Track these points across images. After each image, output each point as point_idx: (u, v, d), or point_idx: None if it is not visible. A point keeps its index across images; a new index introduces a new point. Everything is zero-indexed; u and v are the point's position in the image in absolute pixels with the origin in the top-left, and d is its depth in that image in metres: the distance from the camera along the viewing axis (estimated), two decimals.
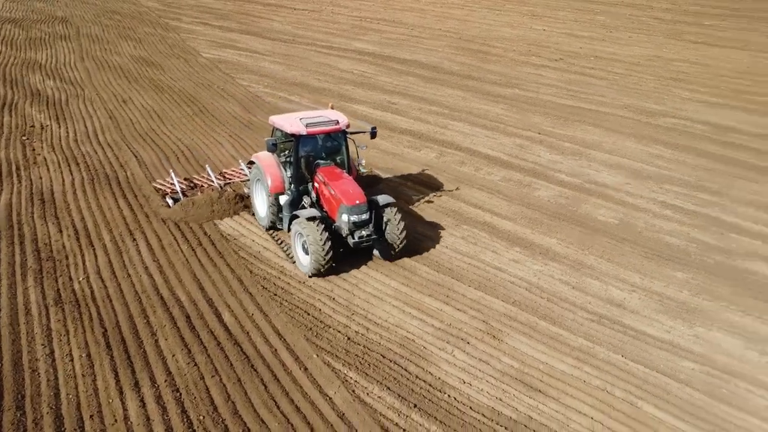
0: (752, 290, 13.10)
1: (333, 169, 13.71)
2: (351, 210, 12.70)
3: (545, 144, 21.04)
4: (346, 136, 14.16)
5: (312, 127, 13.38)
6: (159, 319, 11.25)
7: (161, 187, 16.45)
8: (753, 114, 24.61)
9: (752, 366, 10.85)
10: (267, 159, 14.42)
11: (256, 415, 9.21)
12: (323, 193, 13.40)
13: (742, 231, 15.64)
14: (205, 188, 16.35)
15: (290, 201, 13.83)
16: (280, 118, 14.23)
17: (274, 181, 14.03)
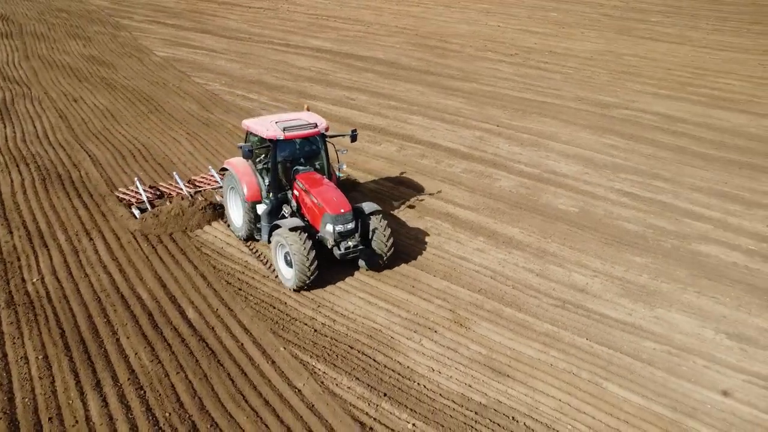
0: (706, 272, 13.50)
1: (313, 175, 13.00)
2: (336, 219, 12.03)
3: (504, 136, 21.28)
4: (325, 139, 13.43)
5: (290, 131, 12.64)
6: (120, 318, 10.92)
7: (125, 197, 15.46)
8: (697, 105, 25.41)
9: (708, 344, 11.17)
10: (241, 166, 13.59)
11: (224, 410, 9.01)
12: (304, 201, 12.70)
13: (694, 216, 16.11)
14: (173, 197, 15.45)
15: (269, 210, 13.05)
16: (254, 122, 13.47)
17: (251, 189, 13.24)
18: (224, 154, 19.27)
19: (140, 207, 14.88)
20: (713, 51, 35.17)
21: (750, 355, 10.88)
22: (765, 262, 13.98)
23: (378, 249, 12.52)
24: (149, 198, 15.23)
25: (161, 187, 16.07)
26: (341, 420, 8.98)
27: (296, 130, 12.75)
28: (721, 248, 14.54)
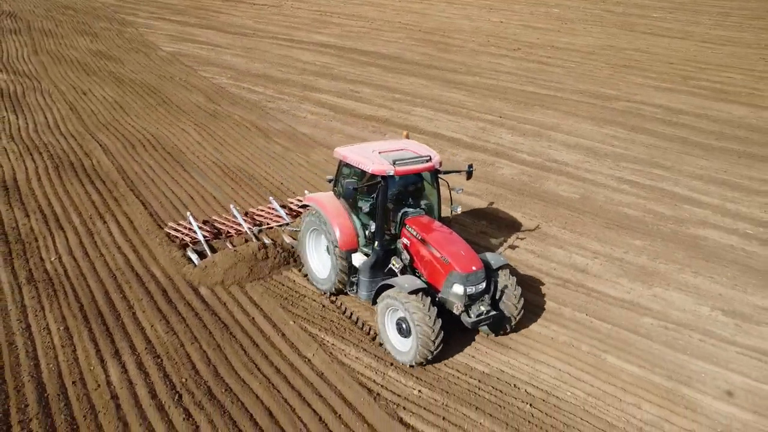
0: (703, 254, 13.90)
1: (426, 219, 10.83)
2: (467, 279, 9.92)
3: (506, 126, 21.71)
4: (438, 176, 11.14)
5: (401, 165, 10.36)
6: (135, 294, 11.36)
7: (178, 234, 13.29)
8: (698, 97, 25.81)
9: (704, 319, 11.58)
10: (331, 204, 11.31)
11: (237, 377, 9.45)
12: (419, 253, 10.48)
13: (693, 202, 16.52)
14: (232, 235, 13.31)
15: (373, 262, 10.74)
16: (351, 151, 11.10)
17: (345, 234, 10.95)
18: (231, 144, 19.73)
19: (197, 249, 12.67)
20: (715, 46, 35.55)
21: (744, 330, 11.29)
22: (762, 245, 14.39)
23: (507, 311, 10.47)
24: (206, 237, 13.05)
25: (216, 222, 14.00)
26: (349, 386, 9.41)
27: (408, 164, 10.49)
28: (719, 232, 14.95)
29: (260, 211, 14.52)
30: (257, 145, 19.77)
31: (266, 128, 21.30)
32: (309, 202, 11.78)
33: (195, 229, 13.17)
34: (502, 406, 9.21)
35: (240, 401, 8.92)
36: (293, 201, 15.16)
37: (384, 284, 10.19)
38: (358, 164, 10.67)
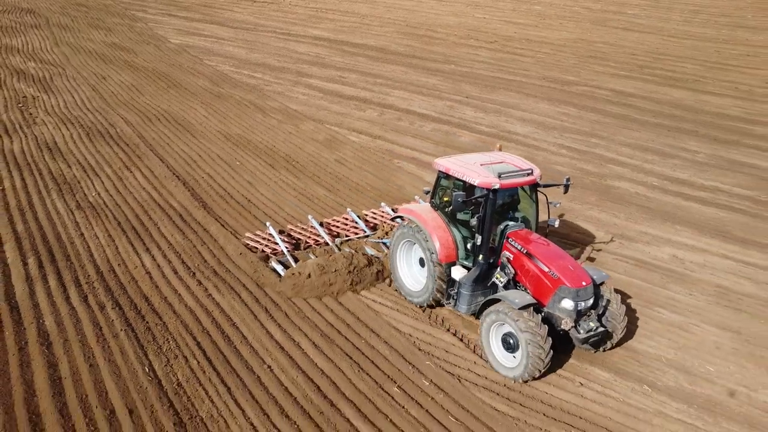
0: (612, 198, 17.57)
1: (529, 234, 10.91)
2: (578, 294, 9.91)
3: (471, 105, 25.42)
4: (537, 189, 11.26)
5: (506, 178, 10.51)
6: (158, 216, 15.11)
7: (257, 245, 13.38)
8: (649, 83, 29.47)
9: (599, 238, 15.22)
10: (429, 216, 11.37)
11: (232, 262, 13.15)
12: (525, 267, 10.46)
13: (616, 162, 20.19)
14: (311, 246, 13.50)
15: (476, 276, 10.83)
16: (453, 163, 11.18)
17: (445, 247, 11.04)
18: (233, 118, 23.46)
19: (281, 260, 12.76)
20: (679, 39, 39.21)
21: (624, 246, 14.93)
22: (662, 193, 18.05)
23: (610, 327, 10.50)
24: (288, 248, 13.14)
25: (293, 231, 14.18)
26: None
27: (512, 177, 10.66)
28: (630, 183, 18.62)
29: (335, 222, 14.65)
30: (255, 119, 23.51)
31: (263, 106, 25.06)
32: (405, 214, 11.76)
33: (277, 240, 13.23)
34: None
35: (235, 276, 12.62)
36: (368, 213, 15.34)
37: (492, 299, 10.26)
38: (463, 176, 10.71)
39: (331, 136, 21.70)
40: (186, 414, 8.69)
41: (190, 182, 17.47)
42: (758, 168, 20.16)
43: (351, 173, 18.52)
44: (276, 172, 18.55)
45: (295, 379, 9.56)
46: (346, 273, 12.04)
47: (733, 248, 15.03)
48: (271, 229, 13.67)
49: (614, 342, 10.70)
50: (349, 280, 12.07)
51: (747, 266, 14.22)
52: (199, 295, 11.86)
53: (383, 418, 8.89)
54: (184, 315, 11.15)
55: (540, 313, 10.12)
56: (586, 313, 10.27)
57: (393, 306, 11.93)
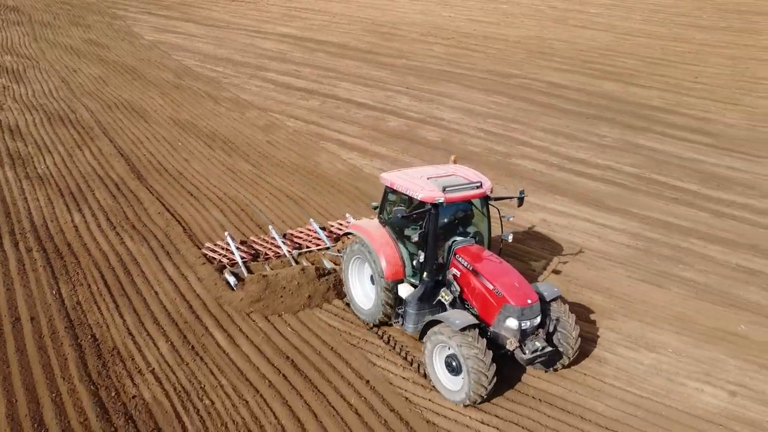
0: (509, 173, 19.87)
1: (477, 249, 10.67)
2: (522, 313, 9.69)
3: (409, 95, 27.78)
4: (488, 203, 11.04)
5: (451, 191, 10.23)
6: (96, 185, 17.54)
7: (216, 256, 13.28)
8: (586, 76, 31.74)
9: None
10: (377, 232, 11.08)
11: (153, 222, 15.52)
12: (470, 284, 10.26)
13: (527, 144, 22.48)
14: (270, 257, 13.28)
15: (422, 294, 10.58)
16: (398, 177, 11.01)
17: (392, 264, 10.74)
18: (186, 106, 25.86)
19: (234, 272, 12.57)
20: (631, 37, 41.43)
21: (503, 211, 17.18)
22: (557, 170, 20.33)
23: (562, 347, 10.22)
24: (243, 258, 12.99)
25: (255, 243, 14.03)
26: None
27: (458, 190, 10.36)
28: (532, 162, 20.92)
29: (299, 233, 14.55)
30: (206, 107, 25.92)
31: (216, 96, 27.47)
32: (353, 230, 11.55)
33: (233, 249, 13.06)
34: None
35: (149, 228, 14.99)
36: (334, 224, 15.14)
37: (433, 320, 9.96)
38: (406, 191, 10.45)
39: (270, 122, 24.09)
40: (77, 321, 11.07)
41: (132, 158, 19.88)
42: (655, 151, 22.39)
43: (277, 152, 20.90)
44: (212, 151, 20.93)
45: (174, 300, 11.94)
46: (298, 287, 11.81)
47: (599, 214, 17.33)
48: (229, 239, 13.42)
49: (566, 362, 10.32)
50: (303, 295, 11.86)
51: (603, 228, 16.53)
52: (114, 242, 14.25)
53: (236, 328, 11.23)
54: (97, 256, 13.54)
55: (486, 333, 9.86)
56: (532, 332, 9.90)
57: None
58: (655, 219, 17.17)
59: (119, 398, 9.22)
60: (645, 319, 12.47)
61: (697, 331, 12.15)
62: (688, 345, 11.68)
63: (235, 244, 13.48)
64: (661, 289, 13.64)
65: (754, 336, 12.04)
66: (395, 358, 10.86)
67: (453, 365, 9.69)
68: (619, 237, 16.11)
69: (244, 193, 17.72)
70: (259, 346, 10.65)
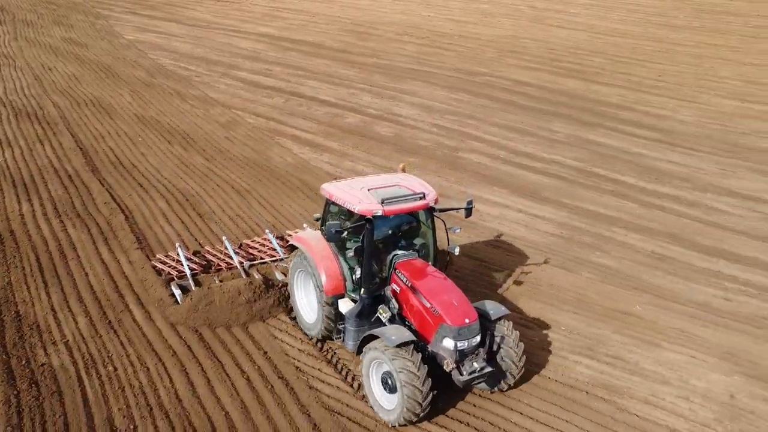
0: (454, 166, 20.69)
1: (419, 264, 10.41)
2: (459, 333, 9.44)
3: (372, 92, 28.62)
4: (433, 214, 10.77)
5: (390, 204, 9.94)
6: (50, 177, 18.45)
7: (165, 268, 12.95)
8: (551, 74, 32.53)
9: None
10: (317, 244, 10.82)
11: (96, 209, 16.38)
12: (409, 301, 10.03)
13: (478, 139, 23.29)
14: (222, 269, 13.00)
15: (359, 310, 10.35)
16: (337, 188, 10.73)
17: (332, 279, 10.54)
18: (153, 103, 26.74)
19: (182, 284, 12.34)
20: (604, 36, 42.23)
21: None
22: (502, 163, 21.15)
23: (505, 366, 9.98)
24: (194, 270, 12.65)
25: (208, 253, 13.79)
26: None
27: (398, 202, 10.07)
28: (479, 156, 21.73)
29: (254, 243, 14.29)
30: (172, 104, 26.81)
31: (185, 93, 28.35)
32: (296, 242, 11.38)
33: (182, 261, 12.76)
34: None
35: (93, 217, 15.85)
36: (291, 233, 14.45)
37: (369, 335, 9.71)
38: (344, 203, 10.22)
39: (232, 118, 24.96)
40: (3, 299, 11.97)
41: (90, 153, 20.78)
42: (603, 146, 23.18)
43: (233, 147, 21.77)
44: (170, 146, 21.81)
45: (102, 281, 12.80)
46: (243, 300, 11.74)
47: (532, 205, 18.14)
48: (179, 251, 13.13)
49: (512, 382, 10.10)
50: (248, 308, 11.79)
51: (533, 218, 17.34)
52: (56, 229, 15.14)
53: (155, 307, 12.08)
54: (37, 241, 14.44)
55: (425, 351, 9.65)
56: (471, 352, 9.62)
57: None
58: (585, 209, 17.98)
59: (28, 366, 10.09)
60: (548, 301, 13.28)
61: (594, 311, 12.96)
62: (581, 323, 12.49)
63: (187, 255, 13.23)
64: (571, 273, 14.45)
65: (646, 315, 12.84)
66: (296, 333, 11.54)
67: (389, 382, 9.41)
68: (545, 226, 16.93)
69: (192, 185, 18.58)
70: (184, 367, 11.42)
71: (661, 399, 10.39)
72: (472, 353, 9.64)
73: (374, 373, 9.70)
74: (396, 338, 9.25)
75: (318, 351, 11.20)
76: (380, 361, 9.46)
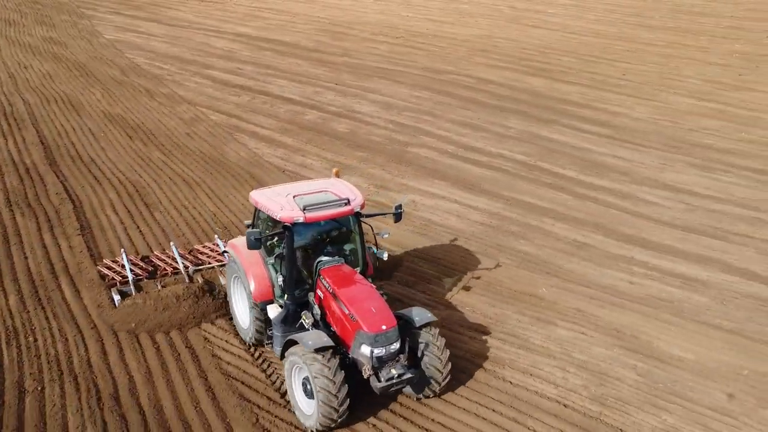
0: (401, 160, 21.65)
1: (343, 270, 10.56)
2: (375, 340, 9.63)
3: (337, 91, 29.63)
4: (360, 219, 11.02)
5: (312, 210, 10.19)
6: (8, 170, 19.53)
7: (108, 273, 13.26)
8: (517, 73, 33.50)
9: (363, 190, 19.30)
10: (247, 251, 10.81)
11: (47, 199, 17.39)
12: (331, 308, 10.27)
13: (430, 135, 24.27)
14: (168, 274, 13.19)
15: (284, 316, 10.66)
16: (264, 195, 10.98)
17: (260, 285, 10.91)
18: (122, 101, 27.79)
19: (122, 290, 12.65)
20: (578, 36, 43.17)
21: (378, 193, 18.99)
22: (449, 157, 22.11)
23: (430, 373, 10.18)
24: (135, 277, 12.84)
25: (156, 258, 14.02)
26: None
27: (321, 209, 10.29)
28: (428, 150, 22.71)
29: (204, 247, 14.54)
30: (140, 101, 27.86)
31: (154, 92, 29.40)
32: (229, 249, 11.61)
33: (126, 266, 12.96)
34: None
35: (42, 205, 16.86)
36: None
37: (290, 340, 9.95)
38: (267, 210, 10.46)
39: (195, 115, 26.00)
40: None
41: (52, 147, 21.85)
42: (553, 141, 24.14)
43: (192, 143, 22.80)
44: (131, 142, 22.85)
45: (39, 264, 13.81)
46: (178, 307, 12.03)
47: (468, 196, 19.11)
48: (124, 257, 13.34)
49: (438, 390, 10.31)
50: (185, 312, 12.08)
51: (466, 208, 18.32)
52: (5, 217, 16.22)
53: (85, 287, 13.08)
54: None
55: (346, 358, 9.86)
56: (390, 359, 9.77)
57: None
58: (520, 201, 18.95)
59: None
60: (458, 283, 14.27)
61: (501, 293, 13.94)
62: (486, 304, 13.46)
63: (134, 260, 13.57)
64: (489, 259, 15.42)
65: (549, 297, 13.81)
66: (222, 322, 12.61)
67: (308, 387, 9.62)
68: (477, 216, 17.90)
69: (145, 178, 19.62)
70: (100, 303, 12.42)
71: (540, 369, 11.36)
72: (391, 360, 9.76)
73: (296, 378, 9.91)
74: (313, 343, 9.47)
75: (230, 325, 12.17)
76: (299, 366, 9.68)
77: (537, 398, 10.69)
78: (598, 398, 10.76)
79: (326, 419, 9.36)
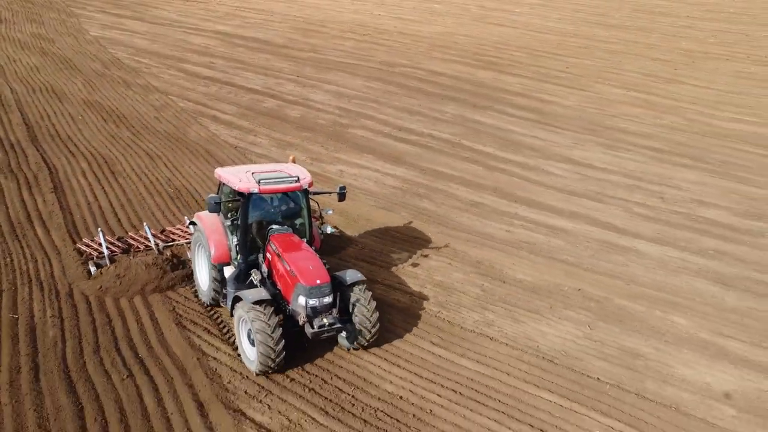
0: (337, 139, 25.22)
1: (290, 237, 12.52)
2: (310, 292, 11.43)
3: (296, 82, 33.27)
4: (308, 196, 13.11)
5: (266, 184, 12.20)
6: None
7: (87, 249, 15.24)
8: (468, 66, 37.13)
9: (300, 161, 22.86)
10: (211, 220, 13.17)
11: (30, 170, 20.99)
12: (276, 267, 12.17)
13: (370, 118, 27.88)
14: (141, 250, 15.17)
15: (236, 275, 12.59)
16: (227, 171, 13.20)
17: (219, 248, 12.83)
18: (101, 90, 31.42)
19: (98, 263, 14.62)
20: (535, 33, 46.85)
21: (312, 165, 22.55)
22: (382, 137, 25.71)
23: (360, 325, 11.97)
24: (113, 252, 14.88)
25: (130, 238, 15.86)
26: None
27: (274, 183, 12.34)
28: (364, 131, 26.31)
29: (176, 230, 16.47)
30: (117, 91, 31.50)
31: (131, 82, 33.05)
32: (195, 219, 13.64)
33: (103, 244, 14.86)
34: None
35: (25, 174, 20.46)
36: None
37: (236, 296, 11.79)
38: (228, 182, 12.62)
39: (165, 103, 29.63)
40: None
41: (34, 127, 25.47)
42: (482, 124, 27.73)
43: (159, 125, 26.40)
44: (105, 124, 26.46)
45: (17, 212, 17.38)
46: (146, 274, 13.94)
47: (389, 167, 22.67)
48: (101, 236, 15.12)
49: (368, 339, 12.10)
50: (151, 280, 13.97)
51: (384, 176, 21.89)
52: None
53: (54, 227, 16.68)
54: None
55: (286, 310, 11.85)
56: (325, 310, 11.53)
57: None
58: (434, 170, 22.52)
59: None
60: (359, 230, 17.82)
61: (390, 236, 17.51)
62: (375, 242, 17.05)
63: (110, 239, 15.50)
64: (390, 213, 19.00)
65: (431, 239, 17.36)
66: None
67: (251, 338, 11.33)
68: (391, 182, 21.47)
69: (114, 152, 23.21)
70: (64, 240, 15.99)
71: (404, 286, 14.92)
72: (324, 311, 11.53)
73: (242, 329, 11.71)
74: (252, 297, 11.32)
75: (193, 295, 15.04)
76: (245, 319, 11.37)
77: (395, 302, 14.24)
78: (441, 303, 14.33)
79: (264, 363, 11.13)
